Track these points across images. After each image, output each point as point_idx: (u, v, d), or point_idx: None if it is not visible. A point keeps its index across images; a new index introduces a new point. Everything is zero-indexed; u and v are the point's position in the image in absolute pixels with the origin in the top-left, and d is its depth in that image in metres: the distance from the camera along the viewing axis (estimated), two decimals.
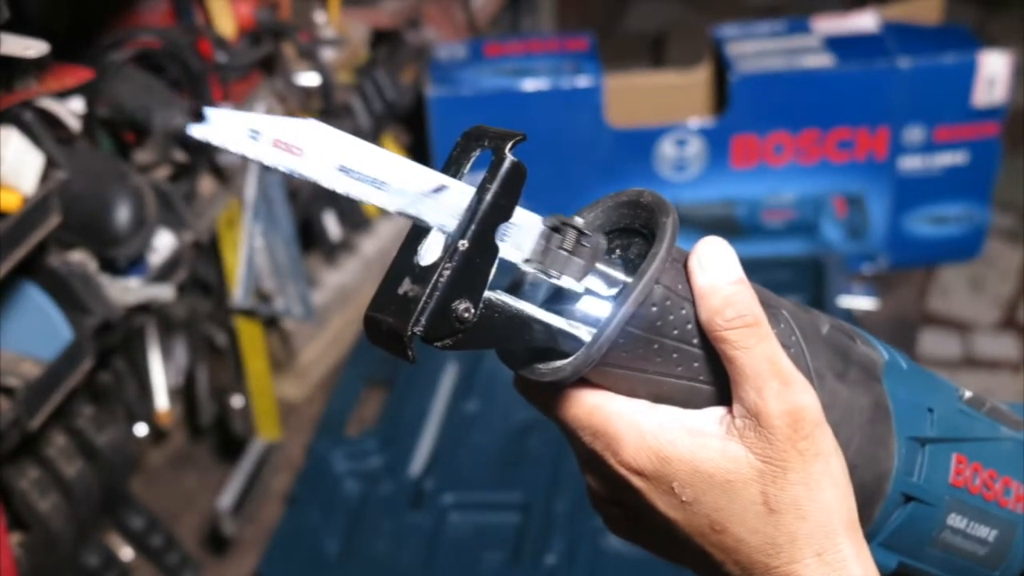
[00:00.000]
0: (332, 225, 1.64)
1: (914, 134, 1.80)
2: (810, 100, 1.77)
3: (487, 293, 0.55)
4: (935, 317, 2.22)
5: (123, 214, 1.13)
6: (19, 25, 1.01)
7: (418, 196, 0.55)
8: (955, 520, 0.68)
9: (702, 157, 1.81)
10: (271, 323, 1.63)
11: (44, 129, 1.06)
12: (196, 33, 1.32)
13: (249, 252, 1.42)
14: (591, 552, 1.37)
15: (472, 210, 0.56)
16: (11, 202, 1.01)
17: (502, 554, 1.41)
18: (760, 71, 1.76)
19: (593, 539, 1.38)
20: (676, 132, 1.80)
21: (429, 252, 0.56)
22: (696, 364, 0.59)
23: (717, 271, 0.59)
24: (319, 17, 1.57)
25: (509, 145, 0.56)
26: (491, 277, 0.56)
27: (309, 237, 1.66)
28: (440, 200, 0.56)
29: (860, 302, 1.83)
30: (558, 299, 0.59)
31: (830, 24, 1.86)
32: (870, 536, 0.66)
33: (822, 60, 1.77)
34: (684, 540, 0.60)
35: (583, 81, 1.75)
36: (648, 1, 3.52)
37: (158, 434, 1.55)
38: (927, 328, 2.24)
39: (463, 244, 0.55)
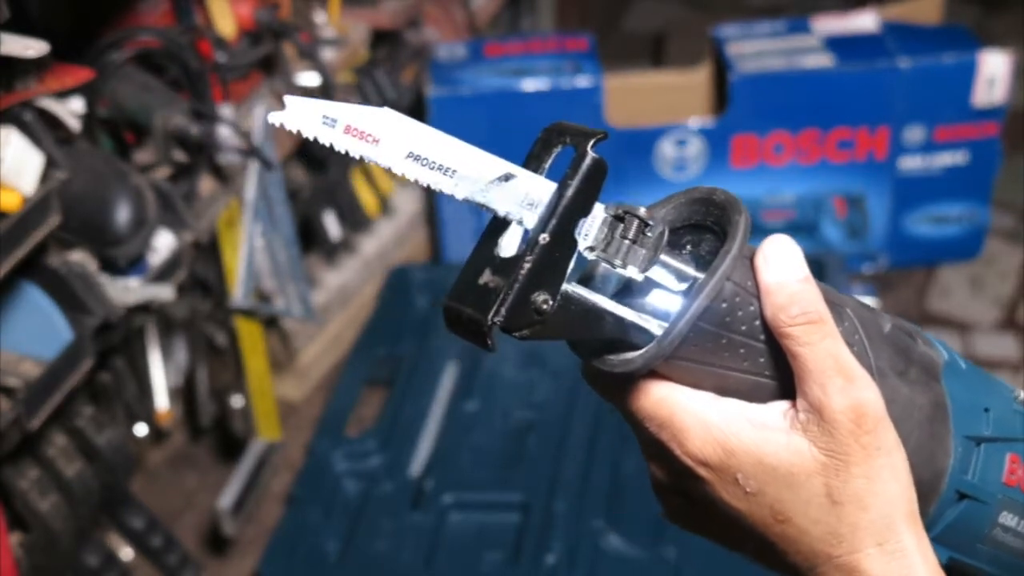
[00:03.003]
0: (332, 225, 1.64)
1: (914, 134, 1.80)
2: (810, 100, 1.77)
3: (564, 286, 0.57)
4: (935, 317, 2.22)
5: (123, 214, 1.13)
6: (19, 25, 1.01)
7: (486, 184, 0.58)
8: (1007, 518, 0.69)
9: (702, 157, 1.81)
10: (271, 323, 1.63)
11: (44, 129, 1.06)
12: (196, 33, 1.32)
13: (249, 252, 1.42)
14: (591, 552, 1.37)
15: (553, 204, 0.57)
16: (11, 202, 1.01)
17: (502, 554, 1.41)
18: (760, 71, 1.76)
19: (593, 539, 1.38)
20: (676, 132, 1.80)
21: (509, 244, 0.57)
22: (762, 359, 0.61)
23: (783, 268, 0.61)
24: (319, 17, 1.57)
25: (591, 143, 0.59)
26: (570, 270, 0.57)
27: (309, 237, 1.66)
28: (508, 189, 0.58)
29: None
30: (628, 292, 0.61)
31: (830, 24, 1.86)
32: (928, 511, 0.67)
33: (822, 60, 1.77)
34: (748, 530, 0.62)
35: (583, 81, 1.75)
36: (648, 1, 3.51)
37: (158, 434, 1.55)
38: (927, 328, 2.24)
39: (544, 238, 0.56)
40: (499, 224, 0.58)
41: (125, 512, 1.34)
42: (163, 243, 1.22)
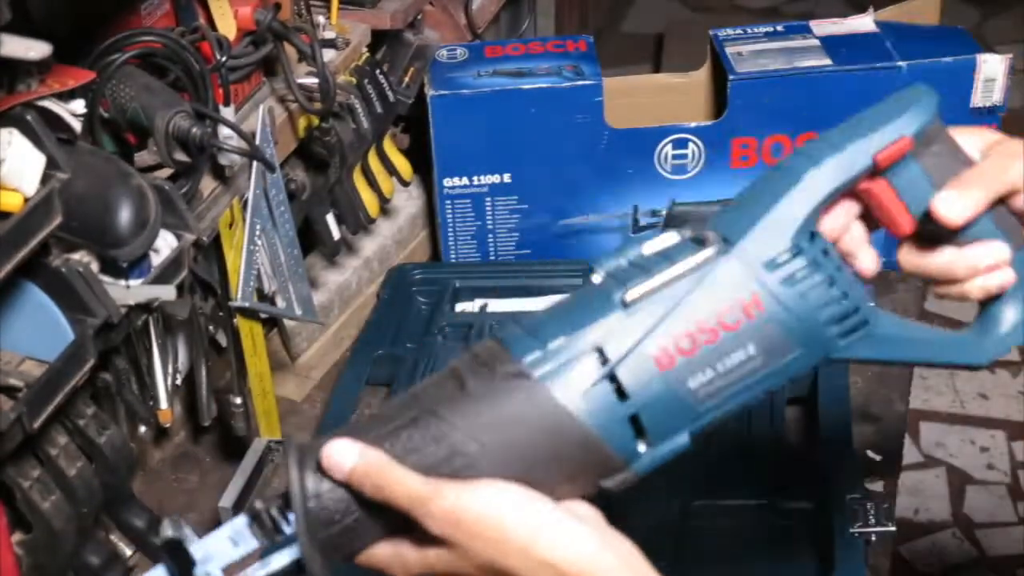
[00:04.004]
0: (333, 226, 1.64)
1: None
2: (809, 101, 1.77)
3: None
4: (935, 318, 2.22)
5: (125, 215, 1.13)
6: (21, 27, 1.01)
7: None
8: (696, 380, 0.73)
9: (701, 158, 1.81)
10: (272, 323, 1.64)
11: (46, 130, 1.06)
12: (197, 34, 1.32)
13: (250, 252, 1.43)
14: None
15: None
16: (13, 202, 1.02)
17: None
18: (759, 73, 1.76)
19: None
20: (676, 133, 1.80)
21: None
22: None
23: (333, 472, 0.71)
24: (319, 17, 1.57)
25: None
26: None
27: (309, 237, 1.67)
28: None
29: None
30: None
31: (829, 26, 1.87)
32: (639, 456, 0.73)
33: (821, 61, 1.77)
34: None
35: (583, 82, 1.76)
36: (648, 2, 3.51)
37: (159, 433, 1.55)
38: None
39: None
40: None
41: (126, 511, 1.34)
42: (164, 243, 1.22)
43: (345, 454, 0.70)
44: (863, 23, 1.86)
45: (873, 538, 1.25)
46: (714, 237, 0.75)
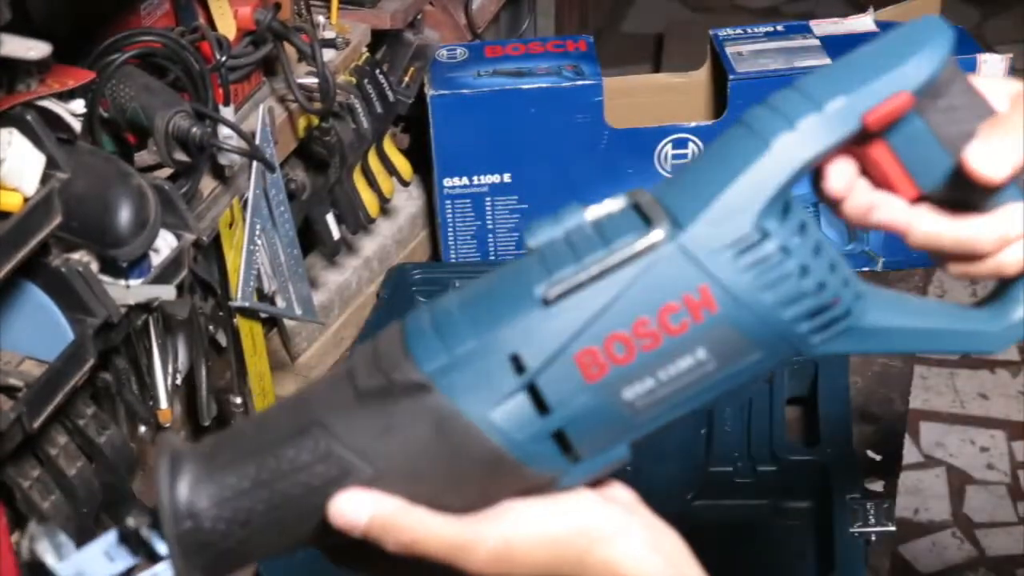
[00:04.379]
0: (333, 225, 1.64)
1: None
2: None
3: None
4: None
5: (125, 214, 1.13)
6: (21, 27, 1.01)
7: None
8: (633, 391, 0.61)
9: None
10: (272, 323, 1.64)
11: (46, 130, 1.06)
12: (197, 34, 1.32)
13: (250, 252, 1.43)
14: None
15: None
16: (13, 202, 1.02)
17: None
18: (759, 72, 1.76)
19: None
20: (676, 133, 1.80)
21: None
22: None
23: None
24: (320, 18, 1.57)
25: None
26: None
27: (309, 237, 1.67)
28: None
29: None
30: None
31: (829, 25, 1.87)
32: (568, 471, 0.63)
33: (821, 61, 1.78)
34: None
35: (583, 81, 1.76)
36: (648, 2, 3.51)
37: (159, 433, 1.55)
38: None
39: None
40: None
41: (126, 511, 1.34)
42: (164, 243, 1.22)
43: (357, 509, 0.62)
44: (863, 23, 1.86)
45: (873, 538, 1.25)
46: (660, 215, 0.61)
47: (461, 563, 0.63)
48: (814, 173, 0.66)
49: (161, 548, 0.63)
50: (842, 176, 0.65)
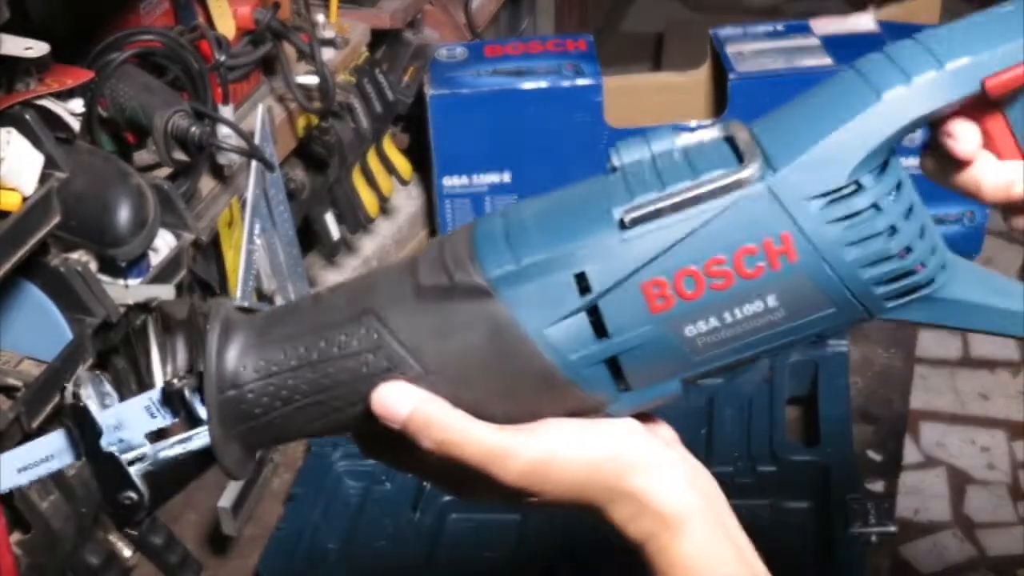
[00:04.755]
0: (332, 225, 1.64)
1: (913, 134, 1.79)
2: None
3: (132, 475, 0.65)
4: None
5: (124, 214, 1.13)
6: (19, 26, 1.01)
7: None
8: (696, 328, 0.60)
9: None
10: None
11: (44, 129, 1.06)
12: (196, 33, 1.32)
13: (249, 252, 1.42)
14: (591, 551, 1.37)
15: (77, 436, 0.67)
16: (11, 202, 1.02)
17: (502, 554, 1.41)
18: (759, 72, 1.76)
19: (593, 537, 1.38)
20: None
21: None
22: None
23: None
24: (319, 17, 1.57)
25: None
26: (128, 469, 0.65)
27: (309, 237, 1.67)
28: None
29: None
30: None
31: (829, 25, 1.86)
32: (617, 399, 0.62)
33: (821, 60, 1.77)
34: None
35: (583, 81, 1.75)
36: (648, 1, 3.51)
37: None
38: (927, 328, 2.24)
39: (82, 462, 0.66)
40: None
41: None
42: (163, 243, 1.22)
43: (400, 401, 0.61)
44: (864, 22, 1.86)
45: (873, 538, 1.25)
46: (754, 153, 0.60)
47: (495, 470, 0.62)
48: (930, 136, 0.64)
49: (201, 412, 0.63)
50: (972, 138, 0.63)
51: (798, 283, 0.59)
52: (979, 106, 0.61)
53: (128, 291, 1.17)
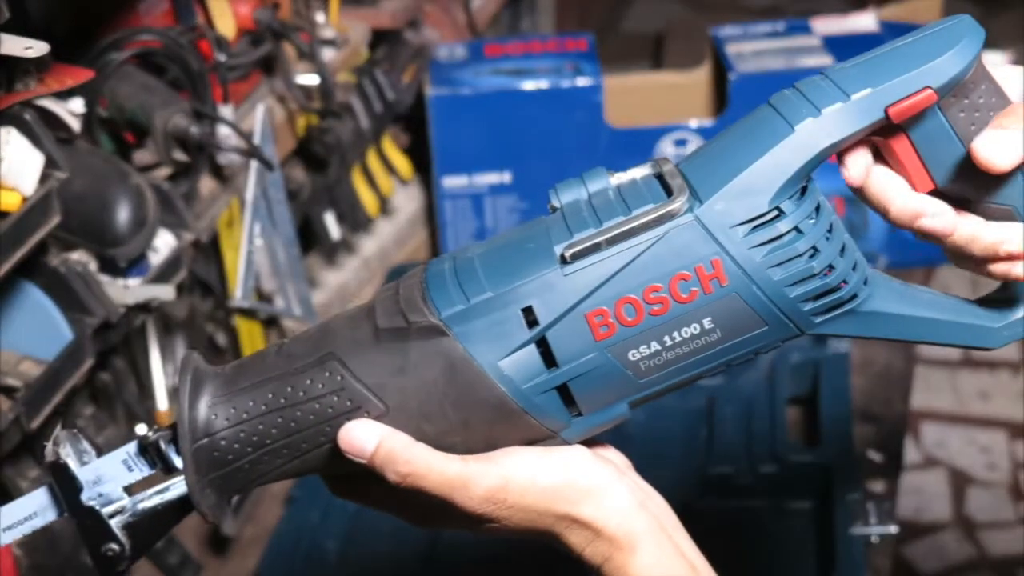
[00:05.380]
0: (332, 225, 1.64)
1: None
2: None
3: (113, 527, 0.66)
4: None
5: (124, 214, 1.13)
6: (19, 25, 1.01)
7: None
8: (639, 353, 0.64)
9: None
10: (271, 323, 1.63)
11: (44, 129, 1.06)
12: (196, 33, 1.32)
13: (249, 252, 1.42)
14: None
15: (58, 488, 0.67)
16: (11, 202, 1.02)
17: (502, 554, 1.41)
18: (759, 71, 1.76)
19: None
20: (676, 132, 1.80)
21: None
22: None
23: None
24: (319, 17, 1.57)
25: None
26: (112, 511, 0.67)
27: (309, 237, 1.66)
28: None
29: None
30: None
31: (830, 24, 1.86)
32: (569, 424, 0.66)
33: (821, 60, 1.77)
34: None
35: (583, 81, 1.75)
36: (648, 1, 3.51)
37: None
38: None
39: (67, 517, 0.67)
40: None
41: None
42: (163, 243, 1.22)
43: (365, 437, 0.64)
44: (864, 22, 1.86)
45: (874, 539, 1.25)
46: (680, 187, 0.64)
47: (457, 499, 0.66)
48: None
49: (177, 462, 0.66)
50: (861, 165, 0.67)
51: (730, 305, 0.64)
52: (887, 132, 0.66)
53: (128, 291, 1.17)
